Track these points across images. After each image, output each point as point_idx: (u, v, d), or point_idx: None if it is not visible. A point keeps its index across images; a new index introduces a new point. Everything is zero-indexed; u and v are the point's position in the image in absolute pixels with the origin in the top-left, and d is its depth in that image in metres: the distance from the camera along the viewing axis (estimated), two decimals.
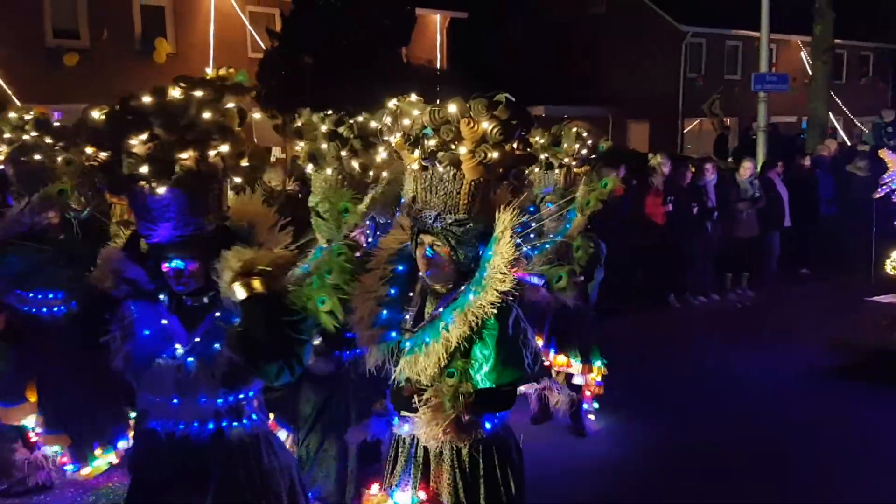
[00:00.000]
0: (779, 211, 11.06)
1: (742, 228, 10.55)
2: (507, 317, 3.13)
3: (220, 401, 3.06)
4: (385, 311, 3.31)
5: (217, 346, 3.00)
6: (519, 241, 3.13)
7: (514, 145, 3.17)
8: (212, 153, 2.92)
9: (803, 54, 25.36)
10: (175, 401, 3.04)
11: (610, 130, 29.17)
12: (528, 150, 3.27)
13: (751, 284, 11.02)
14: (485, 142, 3.08)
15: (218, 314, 3.03)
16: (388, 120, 3.61)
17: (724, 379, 7.52)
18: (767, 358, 8.10)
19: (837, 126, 25.03)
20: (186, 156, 2.86)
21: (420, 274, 3.29)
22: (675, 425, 6.37)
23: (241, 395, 3.12)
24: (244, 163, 3.09)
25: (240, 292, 2.90)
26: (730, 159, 12.97)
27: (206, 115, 2.91)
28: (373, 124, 4.70)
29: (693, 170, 10.22)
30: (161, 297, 3.07)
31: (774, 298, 10.76)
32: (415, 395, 3.16)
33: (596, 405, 6.19)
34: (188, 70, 16.23)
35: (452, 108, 3.11)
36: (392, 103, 4.73)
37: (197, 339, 3.03)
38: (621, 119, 29.01)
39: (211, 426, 3.07)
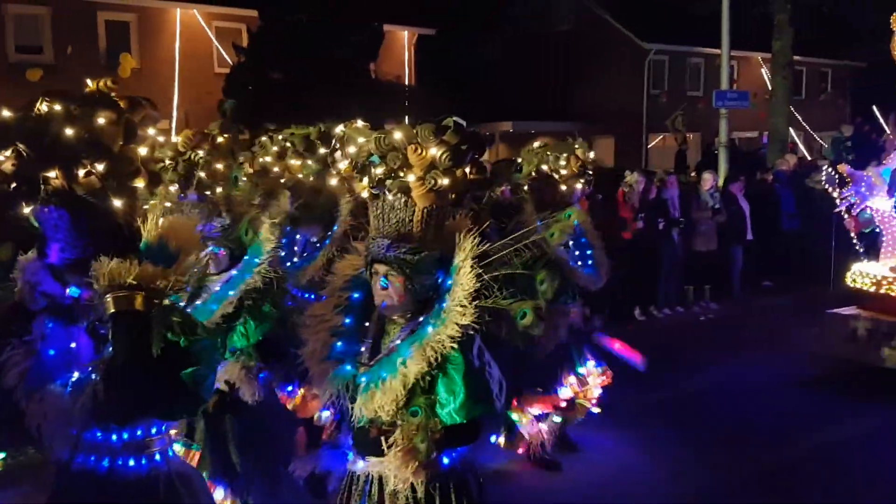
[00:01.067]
0: (741, 225, 11.25)
1: (701, 242, 10.73)
2: (471, 348, 3.00)
3: (114, 436, 2.82)
4: (339, 343, 3.15)
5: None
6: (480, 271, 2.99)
7: (466, 170, 3.09)
8: (82, 171, 2.70)
9: (764, 70, 25.86)
10: (73, 431, 2.81)
11: None
12: (482, 173, 3.23)
13: (713, 297, 11.18)
14: (434, 168, 2.98)
15: None
16: (336, 146, 3.60)
17: (690, 390, 7.61)
18: (733, 369, 8.22)
19: (798, 141, 25.52)
20: (54, 174, 2.66)
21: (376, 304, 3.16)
22: (642, 438, 6.42)
23: (140, 431, 2.87)
24: (139, 181, 2.85)
25: (108, 306, 2.65)
26: (692, 174, 13.18)
27: (71, 131, 2.71)
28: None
29: (658, 184, 10.37)
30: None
31: (738, 311, 10.92)
32: (382, 438, 3.01)
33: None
34: (154, 85, 16.18)
35: (398, 134, 3.01)
36: (339, 129, 4.76)
37: (90, 368, 2.80)
38: (587, 134, 29.11)
39: (105, 463, 2.83)
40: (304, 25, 17.38)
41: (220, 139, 4.25)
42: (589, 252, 5.76)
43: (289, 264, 5.07)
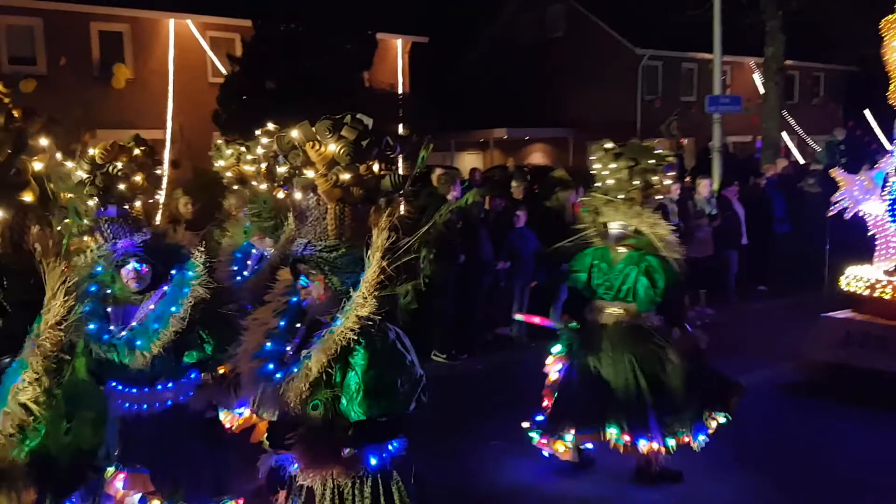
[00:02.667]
0: (736, 230, 11.28)
1: (697, 248, 10.73)
2: (378, 344, 3.00)
3: None
4: (269, 343, 3.18)
5: None
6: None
7: (374, 166, 3.09)
8: None
9: (756, 75, 25.96)
10: None
11: (571, 152, 29.55)
12: (392, 168, 3.18)
13: (709, 302, 11.19)
14: (336, 164, 3.02)
15: None
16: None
17: None
18: (729, 373, 8.21)
19: (791, 145, 25.61)
20: None
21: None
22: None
23: None
24: (27, 195, 2.69)
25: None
26: (686, 179, 13.20)
27: None
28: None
29: None
30: None
31: (733, 315, 10.94)
32: (289, 432, 3.02)
33: None
34: (148, 95, 16.20)
35: (297, 132, 3.06)
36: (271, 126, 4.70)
37: None
38: (582, 140, 29.36)
39: None
40: (297, 34, 17.40)
41: (137, 151, 4.15)
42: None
43: (238, 279, 5.06)
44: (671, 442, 5.33)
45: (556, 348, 5.85)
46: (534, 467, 5.90)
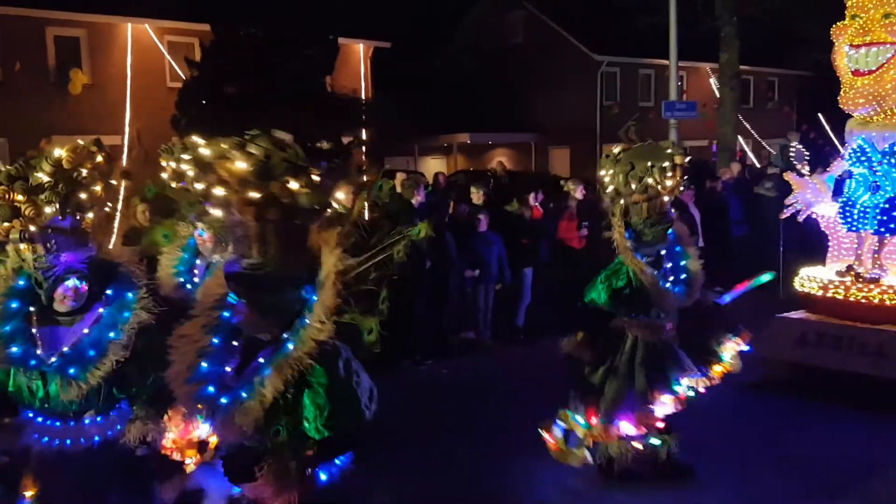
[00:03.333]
0: (691, 232, 11.47)
1: None
2: (336, 361, 2.98)
3: None
4: (204, 364, 3.03)
5: None
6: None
7: (291, 183, 2.96)
8: None
9: (712, 80, 26.42)
10: None
11: (533, 156, 29.80)
12: (312, 186, 3.03)
13: None
14: (247, 182, 2.92)
15: None
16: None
17: None
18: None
19: (747, 149, 26.11)
20: None
21: None
22: None
23: None
24: None
25: None
26: None
27: None
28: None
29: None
30: None
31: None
32: (253, 463, 2.92)
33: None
34: (105, 101, 15.97)
35: (207, 150, 2.96)
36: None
37: None
38: (543, 145, 29.67)
39: None
40: (257, 39, 17.28)
41: (99, 157, 3.73)
42: (683, 264, 5.66)
43: (189, 287, 4.74)
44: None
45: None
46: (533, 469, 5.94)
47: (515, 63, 29.48)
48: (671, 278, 5.58)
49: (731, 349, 5.88)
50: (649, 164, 5.36)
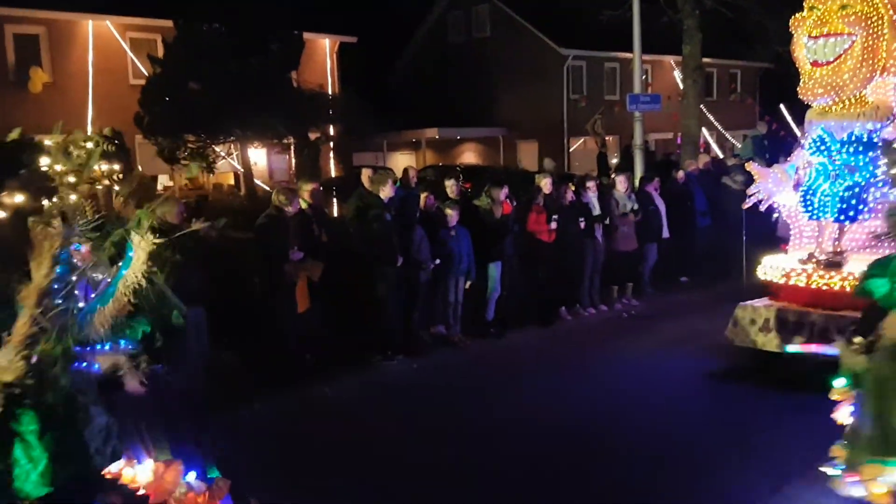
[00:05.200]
0: (656, 223, 11.62)
1: (622, 242, 11.05)
2: (50, 398, 2.65)
3: None
4: None
5: None
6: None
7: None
8: None
9: (676, 73, 26.70)
10: None
11: (502, 150, 29.90)
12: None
13: (635, 294, 11.51)
14: None
15: None
16: None
17: (616, 384, 7.85)
18: (657, 363, 8.52)
19: (710, 141, 26.44)
20: None
21: None
22: (570, 430, 6.60)
23: None
24: None
25: None
26: (612, 175, 13.52)
27: None
28: None
29: (573, 188, 10.61)
30: None
31: (657, 307, 11.27)
32: None
33: None
34: (67, 99, 15.72)
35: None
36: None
37: None
38: (512, 139, 29.77)
39: None
40: (221, 34, 17.14)
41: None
42: None
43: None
44: None
45: (839, 382, 4.93)
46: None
47: (482, 57, 29.55)
48: None
49: None
50: None
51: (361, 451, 6.30)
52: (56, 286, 3.82)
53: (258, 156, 21.50)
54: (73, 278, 3.79)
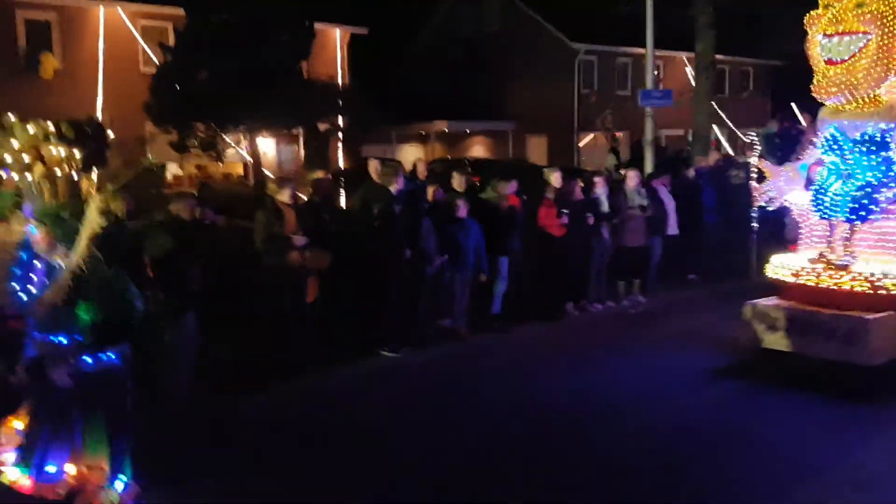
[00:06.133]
0: (663, 219, 11.55)
1: (631, 238, 10.99)
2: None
3: None
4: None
5: None
6: None
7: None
8: None
9: (688, 69, 26.57)
10: None
11: (511, 144, 29.82)
12: None
13: (642, 291, 11.47)
14: None
15: None
16: None
17: (621, 379, 7.82)
18: (663, 360, 8.48)
19: (721, 138, 26.30)
20: None
21: None
22: (575, 426, 6.58)
23: None
24: None
25: None
26: (621, 171, 13.48)
27: None
28: None
29: (582, 183, 10.57)
30: None
31: (665, 304, 11.24)
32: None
33: None
34: (77, 86, 15.71)
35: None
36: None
37: None
38: (521, 134, 29.69)
39: None
40: (232, 24, 17.10)
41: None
42: None
43: (25, 298, 4.28)
44: None
45: None
46: None
47: (493, 51, 29.45)
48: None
49: None
50: None
51: (364, 443, 6.29)
52: (17, 270, 4.03)
53: (267, 146, 21.49)
54: (36, 263, 4.03)
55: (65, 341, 4.04)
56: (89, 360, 4.12)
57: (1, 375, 4.12)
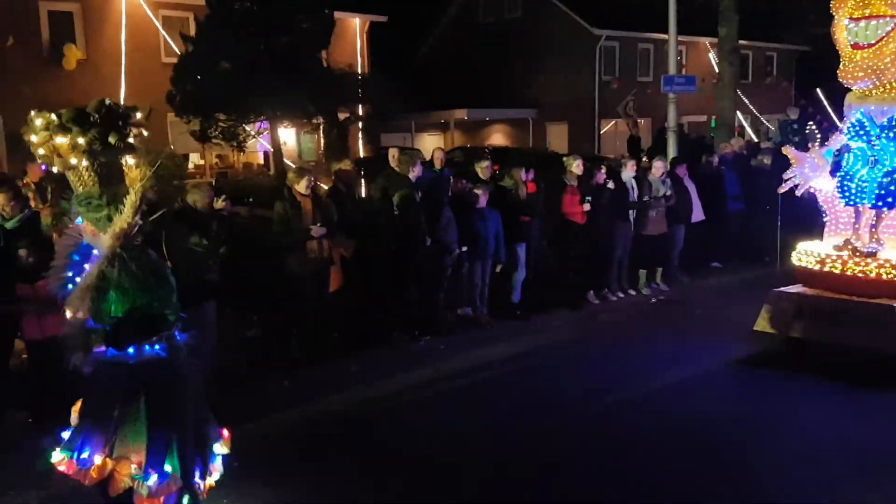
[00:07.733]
0: (686, 206, 11.43)
1: (652, 226, 10.90)
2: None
3: None
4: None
5: None
6: None
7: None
8: None
9: (711, 55, 26.29)
10: None
11: (531, 132, 29.69)
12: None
13: (664, 279, 11.39)
14: None
15: None
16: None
17: (644, 371, 7.77)
18: (685, 349, 8.41)
19: (745, 124, 26.02)
20: None
21: None
22: (597, 416, 6.56)
23: None
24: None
25: None
26: (644, 159, 13.36)
27: None
28: None
29: (605, 169, 10.48)
30: None
31: (687, 292, 11.15)
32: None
33: None
34: (99, 76, 15.81)
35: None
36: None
37: None
38: (541, 121, 29.56)
39: None
40: (252, 13, 17.12)
41: None
42: None
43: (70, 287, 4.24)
44: None
45: None
46: None
47: (513, 38, 29.28)
48: None
49: None
50: None
51: (385, 430, 6.31)
52: (77, 258, 4.10)
53: (288, 135, 21.54)
54: (95, 252, 4.05)
55: (92, 327, 4.09)
56: (131, 350, 4.13)
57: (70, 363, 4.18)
